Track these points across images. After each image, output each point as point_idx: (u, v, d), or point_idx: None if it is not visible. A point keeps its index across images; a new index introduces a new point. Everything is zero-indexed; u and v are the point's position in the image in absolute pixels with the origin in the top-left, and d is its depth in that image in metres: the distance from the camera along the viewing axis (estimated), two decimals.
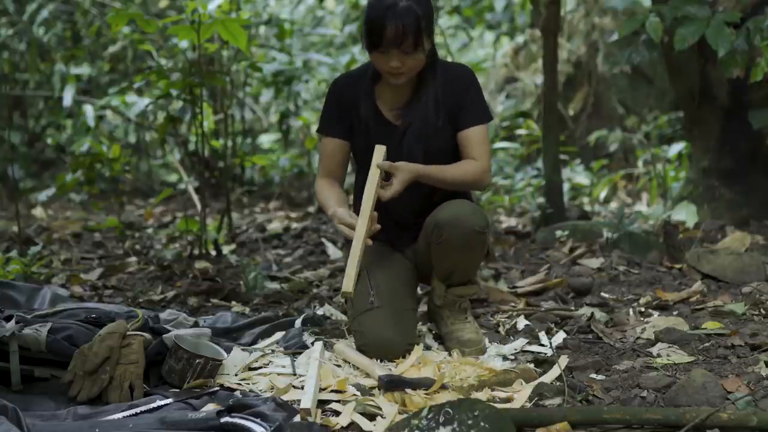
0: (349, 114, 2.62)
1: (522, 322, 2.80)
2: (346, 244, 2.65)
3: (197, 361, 2.22)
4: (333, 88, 2.68)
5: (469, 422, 1.72)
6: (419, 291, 2.94)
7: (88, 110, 6.97)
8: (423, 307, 2.90)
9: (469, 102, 2.56)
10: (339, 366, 2.38)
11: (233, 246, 4.59)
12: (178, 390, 2.21)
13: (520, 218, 5.32)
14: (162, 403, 2.07)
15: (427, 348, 2.58)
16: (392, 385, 2.14)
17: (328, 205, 2.55)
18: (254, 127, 8.31)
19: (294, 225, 5.51)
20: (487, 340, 2.60)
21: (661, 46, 4.11)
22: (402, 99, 2.59)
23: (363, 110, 2.59)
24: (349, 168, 3.04)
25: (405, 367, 2.33)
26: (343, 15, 8.84)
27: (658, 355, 2.42)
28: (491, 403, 1.94)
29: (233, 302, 3.30)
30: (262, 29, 7.47)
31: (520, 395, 2.11)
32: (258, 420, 1.90)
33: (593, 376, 2.29)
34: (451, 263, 2.53)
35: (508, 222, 5.15)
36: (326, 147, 2.68)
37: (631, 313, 2.90)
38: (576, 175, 6.57)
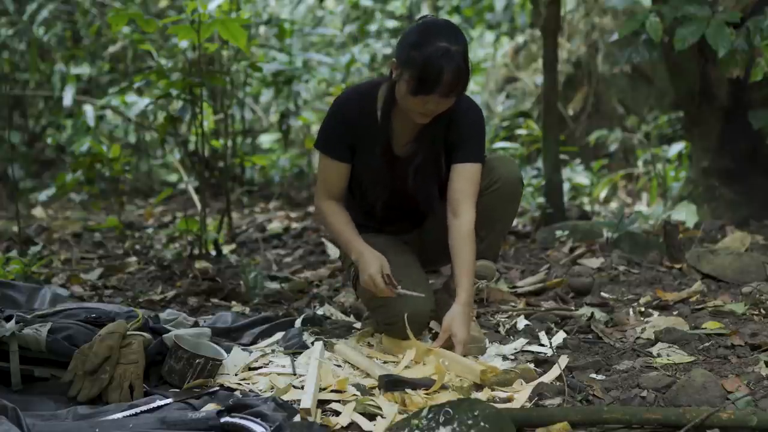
0: (353, 137, 2.54)
1: (522, 322, 2.80)
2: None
3: (197, 361, 2.22)
4: (337, 109, 2.56)
5: (469, 422, 1.72)
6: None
7: (88, 110, 6.96)
8: None
9: (469, 137, 2.51)
10: (339, 366, 2.38)
11: (233, 246, 4.59)
12: (178, 390, 2.21)
13: (520, 218, 5.32)
14: (162, 403, 2.07)
15: None
16: (392, 385, 2.14)
17: (346, 236, 2.56)
18: (254, 127, 8.30)
19: (294, 225, 5.51)
20: (487, 341, 2.60)
21: (661, 46, 4.11)
22: (411, 131, 2.52)
23: (377, 149, 2.52)
24: None
25: (403, 367, 2.33)
26: (343, 15, 8.84)
27: (658, 355, 2.42)
28: (491, 403, 1.94)
29: (233, 302, 3.30)
30: (262, 29, 7.48)
31: (520, 395, 2.11)
32: (258, 420, 1.90)
33: (593, 376, 2.29)
34: (493, 214, 2.57)
35: None
36: (331, 169, 2.59)
37: (631, 313, 2.89)
38: (576, 175, 6.57)
